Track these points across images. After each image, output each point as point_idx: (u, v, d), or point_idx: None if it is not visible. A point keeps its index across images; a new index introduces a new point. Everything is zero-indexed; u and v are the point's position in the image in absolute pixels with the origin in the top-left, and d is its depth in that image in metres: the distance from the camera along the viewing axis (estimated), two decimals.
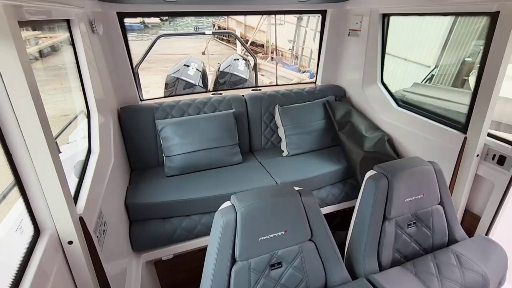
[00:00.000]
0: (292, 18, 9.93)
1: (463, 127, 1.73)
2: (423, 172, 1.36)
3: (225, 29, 14.55)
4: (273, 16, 9.66)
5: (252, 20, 12.52)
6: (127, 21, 2.17)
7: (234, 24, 14.14)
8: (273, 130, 2.52)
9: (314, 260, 1.19)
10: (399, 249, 1.36)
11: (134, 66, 3.37)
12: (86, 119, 1.61)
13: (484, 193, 1.71)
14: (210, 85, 4.93)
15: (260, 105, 2.46)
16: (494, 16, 1.46)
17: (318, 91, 2.65)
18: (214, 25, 15.14)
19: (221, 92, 2.68)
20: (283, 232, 1.14)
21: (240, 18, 13.45)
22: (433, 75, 6.00)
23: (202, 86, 4.51)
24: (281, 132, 2.40)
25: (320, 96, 2.61)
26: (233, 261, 1.10)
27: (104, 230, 1.27)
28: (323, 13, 2.62)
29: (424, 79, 6.10)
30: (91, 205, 1.18)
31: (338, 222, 2.56)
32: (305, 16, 9.21)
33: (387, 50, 2.37)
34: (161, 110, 2.24)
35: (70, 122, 1.93)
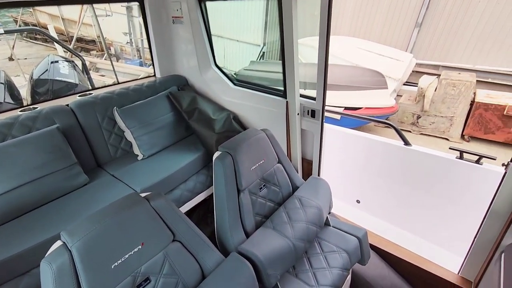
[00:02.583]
0: (120, 7, 8.94)
1: (284, 94, 2.06)
2: (259, 140, 1.54)
3: (35, 25, 11.53)
4: (96, 6, 8.39)
5: (71, 12, 10.46)
6: None
7: (46, 18, 11.41)
8: (119, 135, 2.25)
9: (184, 258, 1.16)
10: (259, 212, 1.53)
11: None
12: None
13: (310, 142, 2.14)
14: (27, 98, 3.87)
15: (94, 111, 2.11)
16: None
17: (159, 84, 2.52)
18: (16, 21, 11.71)
19: (35, 106, 2.12)
20: (140, 246, 1.04)
21: (54, 10, 10.97)
22: (264, 52, 6.90)
23: (13, 102, 3.47)
24: (128, 135, 2.17)
25: (162, 89, 2.50)
26: None
27: None
28: (140, 1, 2.44)
29: (258, 57, 6.93)
30: None
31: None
32: (135, 5, 8.48)
33: (221, 33, 2.49)
34: None
35: None
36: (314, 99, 1.96)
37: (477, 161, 1.96)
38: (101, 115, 2.15)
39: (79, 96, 2.29)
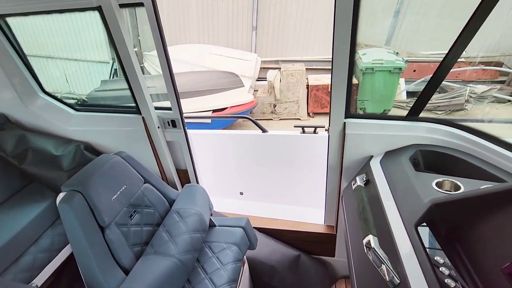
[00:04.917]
0: None
1: (137, 110, 1.93)
2: (114, 166, 1.39)
3: None
4: None
5: None
6: None
7: None
8: None
9: None
10: (136, 242, 1.39)
11: None
12: None
13: (180, 152, 2.11)
14: None
15: None
16: (100, 10, 1.60)
17: None
18: None
19: None
20: None
21: None
22: (116, 69, 6.28)
23: None
24: None
25: None
26: None
27: None
28: None
29: (110, 75, 6.25)
30: None
31: None
32: None
33: (52, 53, 2.04)
34: None
35: None
36: (168, 109, 1.94)
37: (314, 132, 2.46)
38: None
39: None
